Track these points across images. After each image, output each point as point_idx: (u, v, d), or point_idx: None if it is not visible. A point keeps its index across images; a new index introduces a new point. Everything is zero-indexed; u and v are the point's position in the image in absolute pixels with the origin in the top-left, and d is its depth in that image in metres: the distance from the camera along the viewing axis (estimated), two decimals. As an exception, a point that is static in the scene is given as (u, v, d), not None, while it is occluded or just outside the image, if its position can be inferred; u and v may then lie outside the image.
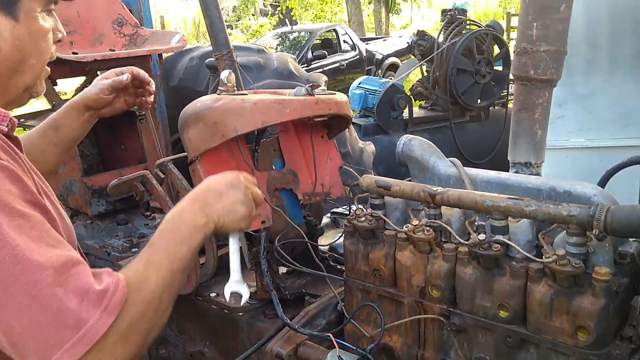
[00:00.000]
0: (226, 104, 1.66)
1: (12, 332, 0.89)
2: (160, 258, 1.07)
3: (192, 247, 1.13)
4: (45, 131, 1.56)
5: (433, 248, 1.50)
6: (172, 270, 1.07)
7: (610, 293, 1.24)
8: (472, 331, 1.45)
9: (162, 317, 1.05)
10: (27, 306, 0.88)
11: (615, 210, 1.21)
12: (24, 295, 0.88)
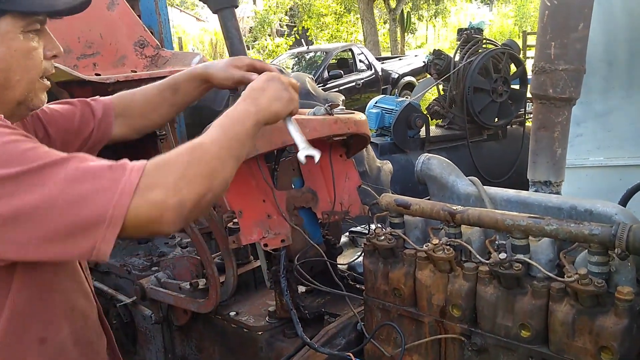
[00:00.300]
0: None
1: None
2: (215, 132, 1.21)
3: (245, 128, 1.26)
4: (164, 91, 1.64)
5: (453, 267, 1.50)
6: (227, 140, 1.20)
7: (633, 313, 1.23)
8: (494, 351, 1.44)
9: (194, 178, 1.10)
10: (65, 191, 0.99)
11: (637, 229, 1.20)
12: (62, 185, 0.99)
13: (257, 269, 2.30)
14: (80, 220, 1.00)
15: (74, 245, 1.01)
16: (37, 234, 1.00)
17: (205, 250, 1.97)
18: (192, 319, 2.25)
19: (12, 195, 0.98)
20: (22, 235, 1.00)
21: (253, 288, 2.29)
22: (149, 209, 1.02)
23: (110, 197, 1.00)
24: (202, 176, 1.10)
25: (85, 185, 1.00)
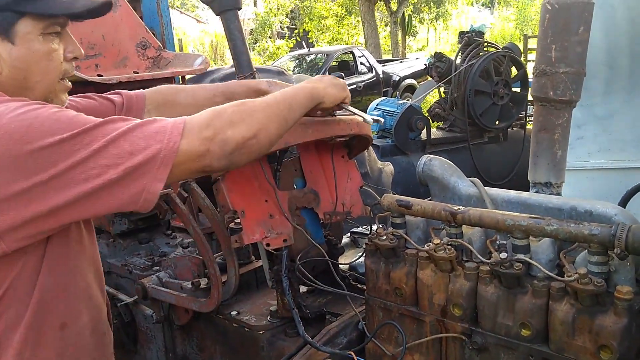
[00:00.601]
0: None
1: None
2: (266, 97, 1.35)
3: (297, 97, 1.41)
4: (217, 96, 1.70)
5: (454, 267, 1.51)
6: (275, 102, 1.33)
7: (632, 312, 1.24)
8: (494, 350, 1.45)
9: (236, 120, 1.22)
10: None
11: (636, 229, 1.22)
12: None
13: (259, 269, 2.31)
14: (135, 164, 1.08)
15: (126, 189, 1.10)
16: (94, 187, 1.07)
17: (207, 250, 1.99)
18: (193, 318, 2.26)
19: (69, 156, 1.06)
20: (78, 192, 1.07)
21: (255, 288, 2.30)
22: (198, 145, 1.15)
23: (161, 138, 1.11)
24: (246, 123, 1.23)
25: (135, 135, 1.10)
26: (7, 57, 1.18)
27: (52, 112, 1.09)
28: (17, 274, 1.15)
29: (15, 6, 1.16)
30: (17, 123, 1.05)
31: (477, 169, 5.72)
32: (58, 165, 1.06)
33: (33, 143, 1.04)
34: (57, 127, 1.07)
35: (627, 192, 1.63)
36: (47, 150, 1.05)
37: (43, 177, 1.05)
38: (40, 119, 1.07)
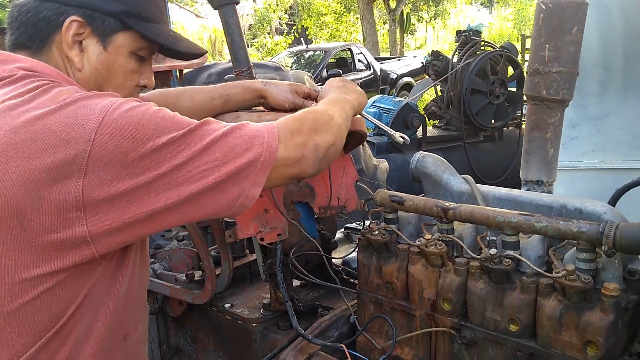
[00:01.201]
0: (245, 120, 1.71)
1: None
2: (331, 106, 1.38)
3: (347, 111, 1.43)
4: (215, 99, 1.69)
5: (445, 262, 1.53)
6: (323, 109, 1.35)
7: (619, 309, 1.26)
8: (483, 344, 1.47)
9: (319, 126, 1.26)
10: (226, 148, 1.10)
11: (624, 227, 1.24)
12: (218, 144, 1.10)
13: (253, 263, 2.33)
14: (235, 168, 1.09)
15: (225, 194, 1.09)
16: (196, 188, 1.07)
17: (202, 242, 2.00)
18: (187, 310, 2.28)
19: (173, 158, 1.05)
20: (179, 194, 1.06)
21: (248, 281, 2.32)
22: (294, 151, 1.17)
23: (261, 142, 1.12)
24: (326, 130, 1.26)
25: (235, 138, 1.10)
26: (94, 59, 1.19)
27: (155, 110, 1.09)
28: (95, 280, 1.11)
29: (124, 17, 1.18)
30: (127, 119, 1.03)
31: (472, 168, 5.74)
32: (162, 167, 1.04)
33: (143, 142, 1.03)
34: (164, 125, 1.06)
35: (617, 190, 1.65)
36: (155, 151, 1.04)
37: (147, 177, 1.03)
38: (147, 117, 1.05)
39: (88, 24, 1.16)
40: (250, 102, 1.75)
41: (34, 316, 1.05)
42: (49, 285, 1.04)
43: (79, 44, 1.18)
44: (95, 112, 1.02)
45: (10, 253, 1.01)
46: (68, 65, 1.19)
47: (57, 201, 0.98)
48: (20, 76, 1.09)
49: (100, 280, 1.12)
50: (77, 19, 1.15)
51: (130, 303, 1.22)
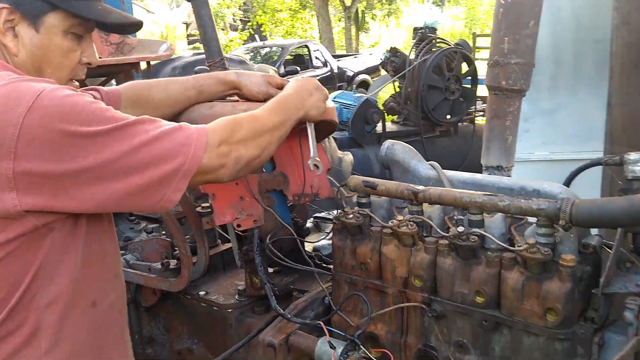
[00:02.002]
0: (218, 110, 1.76)
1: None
2: (272, 113, 1.42)
3: (291, 121, 1.48)
4: (189, 89, 1.72)
5: (416, 241, 1.63)
6: (265, 116, 1.40)
7: (575, 278, 1.39)
8: (451, 317, 1.58)
9: (248, 137, 1.31)
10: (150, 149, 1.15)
11: (579, 204, 1.36)
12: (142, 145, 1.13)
13: (225, 252, 2.38)
14: (160, 175, 1.14)
15: (149, 196, 1.15)
16: (119, 189, 1.12)
17: (178, 231, 2.05)
18: (160, 299, 2.31)
19: (99, 151, 1.09)
20: (102, 191, 1.12)
21: (221, 270, 2.37)
22: (216, 159, 1.22)
23: (187, 151, 1.16)
24: (257, 144, 1.33)
25: (164, 144, 1.15)
26: (28, 43, 1.22)
27: (89, 101, 1.13)
28: (47, 250, 1.16)
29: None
30: (58, 106, 1.07)
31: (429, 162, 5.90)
32: (89, 158, 1.09)
33: (73, 129, 1.07)
34: (96, 117, 1.10)
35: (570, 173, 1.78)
36: (84, 139, 1.08)
37: (74, 167, 1.09)
38: (80, 106, 1.10)
39: (16, 9, 1.20)
40: (224, 93, 1.79)
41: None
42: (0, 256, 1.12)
43: (12, 30, 1.22)
44: (27, 97, 1.07)
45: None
46: (5, 51, 1.23)
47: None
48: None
49: (52, 250, 1.18)
50: (4, 5, 1.20)
51: (93, 272, 1.27)
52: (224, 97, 1.82)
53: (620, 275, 1.45)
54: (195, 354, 2.22)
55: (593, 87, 3.62)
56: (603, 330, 1.41)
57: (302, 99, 1.55)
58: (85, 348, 1.26)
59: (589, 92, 3.70)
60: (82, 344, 1.25)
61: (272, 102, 1.48)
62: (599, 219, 1.32)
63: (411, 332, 1.67)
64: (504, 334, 1.50)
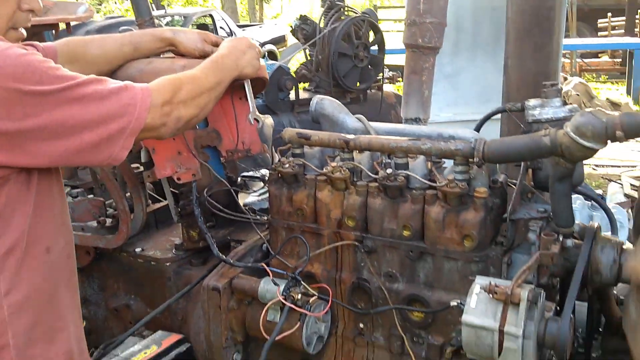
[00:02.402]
0: (157, 66, 1.82)
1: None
2: (209, 73, 1.53)
3: (226, 80, 1.59)
4: (125, 45, 1.76)
5: (348, 186, 1.79)
6: (202, 77, 1.49)
7: (487, 208, 1.61)
8: (381, 251, 1.77)
9: (188, 98, 1.41)
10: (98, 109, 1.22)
11: (490, 142, 1.57)
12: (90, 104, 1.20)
13: (157, 211, 2.43)
14: (108, 133, 1.21)
15: (97, 153, 1.22)
16: (70, 145, 1.19)
17: (116, 187, 2.08)
18: (94, 260, 2.33)
19: (52, 110, 1.15)
20: (53, 147, 1.18)
21: (154, 228, 2.42)
22: (158, 119, 1.31)
23: (133, 110, 1.24)
24: (196, 104, 1.43)
25: (112, 103, 1.21)
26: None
27: (40, 61, 1.17)
28: (5, 198, 1.20)
29: None
30: (11, 63, 1.11)
31: (341, 127, 6.11)
32: (42, 115, 1.14)
33: (26, 86, 1.11)
34: (46, 78, 1.15)
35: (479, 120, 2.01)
36: (35, 97, 1.12)
37: (27, 125, 1.14)
38: (33, 67, 1.14)
39: None
40: (160, 49, 1.86)
41: None
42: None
43: None
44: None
45: None
46: None
47: None
48: None
49: (8, 201, 1.23)
50: None
51: (44, 221, 1.32)
52: (160, 54, 1.87)
53: (524, 204, 1.69)
54: (132, 310, 2.27)
55: (490, 51, 3.94)
56: (510, 252, 1.65)
57: (236, 58, 1.65)
58: (40, 291, 1.31)
59: (486, 56, 4.03)
60: (37, 286, 1.31)
61: (209, 62, 1.57)
62: (507, 154, 1.54)
63: (345, 268, 1.84)
64: (427, 262, 1.71)
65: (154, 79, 1.67)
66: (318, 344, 1.86)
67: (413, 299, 1.73)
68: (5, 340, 1.24)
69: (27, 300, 1.28)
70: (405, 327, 1.76)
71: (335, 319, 1.90)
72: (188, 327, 2.10)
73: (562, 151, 1.44)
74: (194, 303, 2.07)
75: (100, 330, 2.38)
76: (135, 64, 1.79)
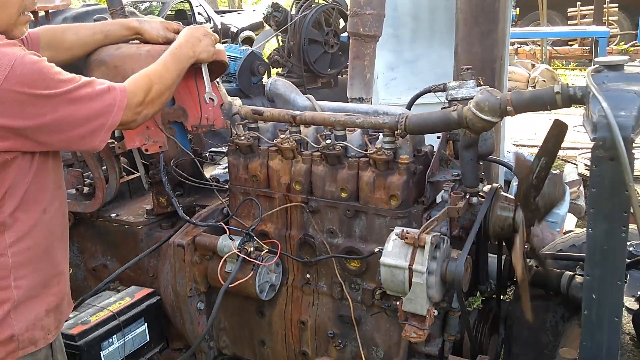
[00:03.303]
0: (125, 51, 2.07)
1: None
2: (169, 66, 1.78)
3: (183, 68, 1.85)
4: (97, 33, 2.01)
5: (295, 155, 2.07)
6: (166, 74, 1.75)
7: (409, 172, 1.90)
8: (324, 211, 2.05)
9: (155, 97, 1.67)
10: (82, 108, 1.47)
11: (411, 116, 1.86)
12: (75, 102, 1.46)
13: (130, 182, 2.68)
14: (92, 128, 1.49)
15: (83, 143, 1.51)
16: (64, 137, 1.47)
17: (93, 159, 2.33)
18: (73, 225, 2.58)
19: (54, 110, 1.41)
20: (52, 138, 1.46)
21: (128, 197, 2.68)
22: (131, 116, 1.58)
23: (112, 110, 1.51)
24: (161, 101, 1.71)
25: (97, 104, 1.49)
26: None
27: (48, 67, 1.42)
28: (13, 174, 1.45)
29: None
30: (28, 74, 1.37)
31: (312, 111, 6.39)
32: (46, 116, 1.40)
33: (37, 90, 1.38)
34: (52, 83, 1.40)
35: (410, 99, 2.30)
36: (42, 99, 1.39)
37: (36, 122, 1.40)
38: (43, 73, 1.39)
39: None
40: (128, 37, 2.10)
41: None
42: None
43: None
44: (3, 65, 1.35)
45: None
46: None
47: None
48: None
49: (18, 173, 1.48)
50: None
51: (40, 186, 1.56)
52: (128, 41, 2.12)
53: (442, 170, 1.99)
54: (109, 268, 2.53)
55: (445, 38, 4.22)
56: (430, 210, 1.95)
57: (192, 46, 1.91)
58: (38, 244, 1.56)
59: (442, 43, 4.32)
60: (36, 241, 1.55)
61: (170, 56, 1.82)
62: (424, 126, 1.83)
63: (294, 226, 2.13)
64: (361, 219, 2.00)
65: (121, 62, 1.93)
66: (270, 292, 2.15)
67: (350, 250, 2.02)
68: (7, 282, 1.48)
69: (28, 250, 1.53)
70: (344, 275, 2.05)
71: (286, 272, 2.19)
72: (158, 283, 2.37)
73: (467, 123, 1.73)
74: (163, 261, 2.34)
75: (81, 288, 2.63)
76: (106, 49, 2.04)
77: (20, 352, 1.50)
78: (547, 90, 1.62)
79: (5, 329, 1.47)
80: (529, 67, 10.73)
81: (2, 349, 1.47)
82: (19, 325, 1.49)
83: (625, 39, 14.76)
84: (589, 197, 1.45)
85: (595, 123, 1.36)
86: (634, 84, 1.48)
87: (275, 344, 2.23)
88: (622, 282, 1.46)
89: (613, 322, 1.49)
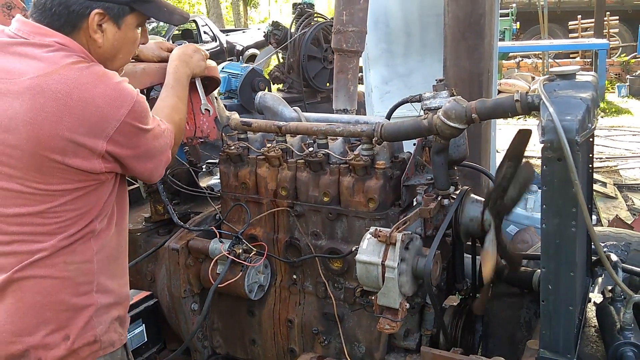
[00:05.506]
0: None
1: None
2: (178, 94, 1.95)
3: (186, 90, 2.00)
4: None
5: (281, 162, 2.22)
6: (180, 104, 1.93)
7: (386, 177, 2.04)
8: (308, 214, 2.19)
9: (181, 130, 1.86)
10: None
11: (386, 125, 2.00)
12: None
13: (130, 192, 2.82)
14: (159, 161, 1.68)
15: (151, 176, 1.70)
16: (144, 168, 1.65)
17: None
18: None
19: (146, 143, 1.60)
20: (140, 166, 1.63)
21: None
22: (173, 150, 1.75)
23: (170, 145, 1.70)
24: (180, 139, 1.86)
25: (163, 140, 1.67)
26: (111, 37, 1.59)
27: (146, 104, 1.59)
28: (107, 192, 1.60)
29: (132, 4, 1.61)
30: (140, 109, 1.54)
31: (313, 125, 6.54)
32: (141, 147, 1.57)
33: (142, 125, 1.55)
34: (148, 120, 1.58)
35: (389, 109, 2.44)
36: (142, 133, 1.56)
37: (134, 152, 1.56)
38: (146, 110, 1.58)
39: (107, 13, 1.60)
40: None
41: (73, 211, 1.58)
42: (81, 193, 1.55)
43: (100, 27, 1.60)
44: (128, 100, 1.52)
45: None
46: (91, 43, 1.60)
47: (90, 148, 1.49)
48: (57, 48, 1.52)
49: (110, 191, 1.63)
50: (99, 11, 1.57)
51: (120, 205, 1.72)
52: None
53: (417, 174, 2.12)
54: (110, 275, 2.68)
55: (436, 53, 4.37)
56: (406, 212, 2.08)
57: (186, 64, 2.05)
58: (114, 254, 1.71)
59: (433, 57, 4.47)
60: (112, 250, 1.70)
61: (174, 83, 1.97)
62: (397, 134, 1.97)
63: (281, 230, 2.27)
64: (343, 221, 2.14)
65: None
66: (259, 292, 2.28)
67: (333, 251, 2.15)
68: (91, 287, 1.62)
69: (107, 258, 1.67)
70: (328, 275, 2.18)
71: (274, 273, 2.32)
72: (155, 286, 2.51)
73: (437, 130, 1.87)
74: (160, 265, 2.48)
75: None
76: None
77: (101, 352, 1.64)
78: (508, 99, 1.76)
79: (89, 329, 1.60)
80: (529, 80, 10.88)
81: (87, 348, 1.60)
82: (99, 327, 1.62)
83: (626, 50, 14.92)
84: (542, 194, 1.58)
85: (543, 127, 1.50)
86: (582, 92, 1.61)
87: (265, 342, 2.36)
88: (574, 273, 1.59)
89: (568, 311, 1.61)
